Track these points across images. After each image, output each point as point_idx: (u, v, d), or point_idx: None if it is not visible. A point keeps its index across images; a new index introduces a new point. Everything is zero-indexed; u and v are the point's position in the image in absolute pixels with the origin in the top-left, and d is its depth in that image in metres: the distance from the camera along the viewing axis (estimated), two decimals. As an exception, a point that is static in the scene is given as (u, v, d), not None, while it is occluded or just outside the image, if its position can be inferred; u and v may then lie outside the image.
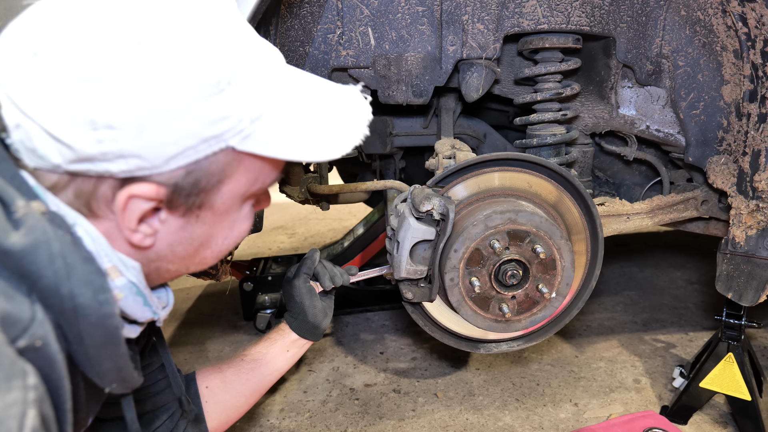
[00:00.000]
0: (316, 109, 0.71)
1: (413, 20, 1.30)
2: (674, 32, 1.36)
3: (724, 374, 1.54)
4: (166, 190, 0.65)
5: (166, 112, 0.60)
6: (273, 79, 0.69)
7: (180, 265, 0.76)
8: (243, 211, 0.75)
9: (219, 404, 1.22)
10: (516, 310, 1.20)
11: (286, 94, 0.69)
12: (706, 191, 1.53)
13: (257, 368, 1.27)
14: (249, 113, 0.65)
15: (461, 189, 1.27)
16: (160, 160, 0.62)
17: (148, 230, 0.68)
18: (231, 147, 0.66)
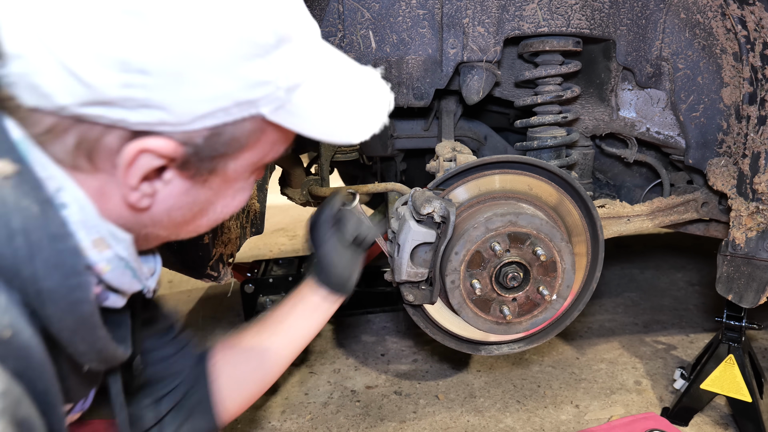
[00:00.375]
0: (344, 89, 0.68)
1: (414, 23, 1.31)
2: (674, 35, 1.37)
3: (725, 376, 1.54)
4: (184, 150, 0.58)
5: (209, 66, 0.55)
6: (312, 51, 0.65)
7: (171, 231, 0.70)
8: (249, 180, 0.71)
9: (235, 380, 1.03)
10: (517, 313, 1.20)
11: (322, 69, 0.66)
12: (707, 193, 1.53)
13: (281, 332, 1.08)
14: (287, 83, 0.60)
15: (462, 191, 1.27)
16: (188, 117, 0.56)
17: (148, 190, 0.61)
18: (262, 115, 0.61)
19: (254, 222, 1.31)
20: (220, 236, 1.11)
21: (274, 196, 2.05)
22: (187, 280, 2.87)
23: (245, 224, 1.26)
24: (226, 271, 1.15)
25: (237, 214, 1.18)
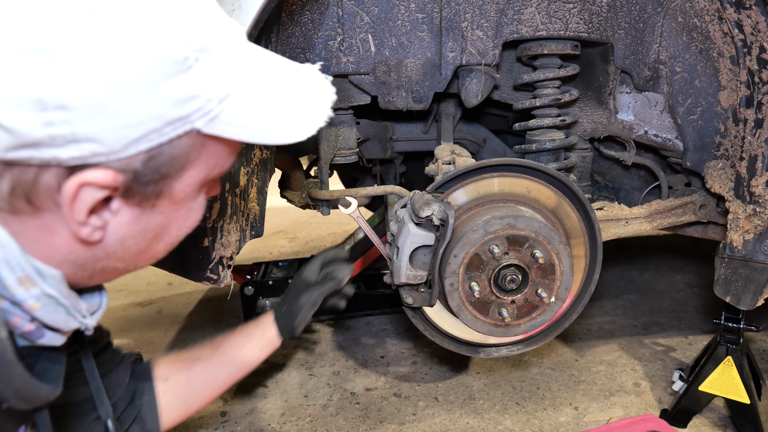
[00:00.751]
0: (280, 89, 0.66)
1: (413, 27, 1.32)
2: (671, 38, 1.38)
3: (723, 378, 1.55)
4: (124, 178, 0.58)
5: (130, 90, 0.53)
6: (238, 56, 0.63)
7: (129, 262, 0.68)
8: (199, 198, 0.70)
9: (179, 397, 1.14)
10: (515, 315, 1.21)
11: (252, 72, 0.64)
12: (704, 196, 1.54)
13: (229, 362, 1.20)
14: (217, 93, 0.59)
15: (461, 194, 1.28)
16: (120, 145, 0.55)
17: (98, 222, 0.60)
18: (197, 129, 0.60)
19: (254, 225, 1.31)
20: (220, 239, 1.12)
21: (274, 199, 2.06)
22: (186, 282, 2.87)
23: (245, 227, 1.27)
24: (225, 273, 1.15)
25: (236, 217, 1.19)
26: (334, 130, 1.47)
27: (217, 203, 1.07)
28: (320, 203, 1.55)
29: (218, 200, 1.08)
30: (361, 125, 1.61)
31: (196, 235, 1.07)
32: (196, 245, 1.08)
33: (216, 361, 1.19)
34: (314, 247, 3.52)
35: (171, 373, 1.14)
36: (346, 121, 1.48)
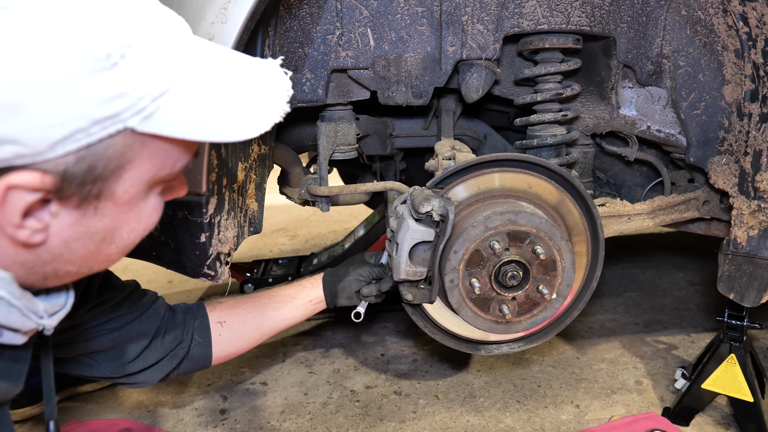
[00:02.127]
0: (228, 85, 0.64)
1: (412, 21, 1.30)
2: (675, 32, 1.36)
3: (726, 376, 1.53)
4: (53, 179, 0.56)
5: (47, 90, 0.52)
6: (178, 52, 0.62)
7: (81, 265, 0.68)
8: (150, 200, 0.69)
9: (233, 337, 1.30)
10: (516, 312, 1.20)
11: (194, 68, 0.62)
12: (708, 192, 1.52)
13: (282, 308, 1.35)
14: (150, 90, 0.58)
15: (461, 190, 1.27)
16: (44, 146, 0.54)
17: (37, 225, 0.60)
18: (130, 128, 0.58)
19: (252, 221, 1.30)
20: (217, 234, 1.11)
21: (274, 197, 2.05)
22: (186, 280, 2.86)
23: (243, 223, 1.26)
24: (223, 269, 1.14)
25: (234, 213, 1.18)
26: (333, 126, 1.45)
27: (214, 198, 1.06)
28: (319, 199, 1.53)
29: (215, 195, 1.06)
30: (360, 121, 1.59)
31: (192, 230, 1.05)
32: (193, 241, 1.07)
33: (271, 307, 1.34)
34: (314, 245, 3.51)
35: (228, 314, 1.30)
36: (345, 117, 1.47)
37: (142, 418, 1.72)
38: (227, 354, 1.32)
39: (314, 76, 1.31)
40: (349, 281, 1.38)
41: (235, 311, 1.32)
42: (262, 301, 1.36)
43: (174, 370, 1.24)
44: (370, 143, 1.72)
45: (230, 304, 1.34)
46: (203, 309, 1.29)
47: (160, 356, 1.19)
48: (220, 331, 1.28)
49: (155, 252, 1.11)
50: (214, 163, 1.04)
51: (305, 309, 1.39)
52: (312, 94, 1.32)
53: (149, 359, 1.17)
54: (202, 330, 1.26)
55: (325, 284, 1.40)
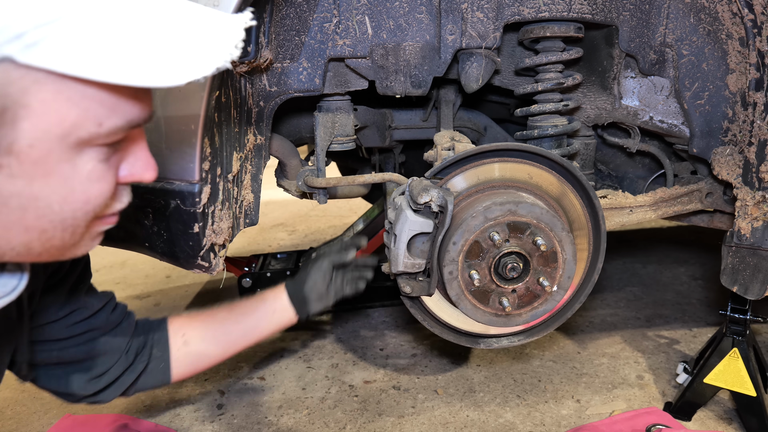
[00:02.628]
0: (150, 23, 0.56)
1: (411, 8, 1.28)
2: (678, 20, 1.33)
3: (729, 370, 1.51)
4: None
5: None
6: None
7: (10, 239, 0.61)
8: (81, 165, 0.60)
9: (192, 353, 1.20)
10: (516, 304, 1.18)
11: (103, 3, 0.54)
12: (711, 183, 1.50)
13: (243, 322, 1.24)
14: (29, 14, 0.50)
15: (460, 180, 1.24)
16: None
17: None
18: (9, 58, 0.50)
19: (248, 212, 1.28)
20: (211, 225, 1.08)
21: (273, 192, 2.03)
22: (184, 275, 2.85)
23: (238, 214, 1.24)
24: (217, 261, 1.12)
25: (229, 204, 1.16)
26: (330, 116, 1.43)
27: (207, 187, 1.03)
28: (317, 191, 1.51)
29: (209, 185, 1.04)
30: (358, 112, 1.57)
31: (185, 220, 1.03)
32: (186, 231, 1.05)
33: (231, 321, 1.23)
34: (314, 239, 3.49)
35: (187, 330, 1.20)
36: (343, 107, 1.45)
37: (138, 414, 1.70)
38: (186, 370, 1.22)
39: (311, 65, 1.28)
40: (314, 279, 1.25)
41: (194, 324, 1.22)
42: (221, 314, 1.24)
43: (131, 387, 1.16)
44: (368, 135, 1.70)
45: (189, 317, 1.24)
46: (164, 323, 1.21)
47: (122, 370, 1.12)
48: (179, 345, 1.19)
49: (147, 243, 1.09)
50: (207, 151, 1.02)
51: (269, 321, 1.25)
52: (309, 84, 1.29)
53: (114, 374, 1.11)
54: (161, 344, 1.18)
55: (291, 292, 1.26)
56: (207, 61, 0.56)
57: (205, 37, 0.58)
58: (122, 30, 0.54)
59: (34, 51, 0.50)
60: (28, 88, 0.53)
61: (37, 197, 0.58)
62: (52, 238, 0.63)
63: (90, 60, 0.52)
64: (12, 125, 0.53)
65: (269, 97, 1.27)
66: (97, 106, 0.57)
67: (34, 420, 1.69)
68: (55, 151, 0.57)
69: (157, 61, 0.54)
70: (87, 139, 0.58)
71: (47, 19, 0.50)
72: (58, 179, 0.59)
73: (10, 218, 0.59)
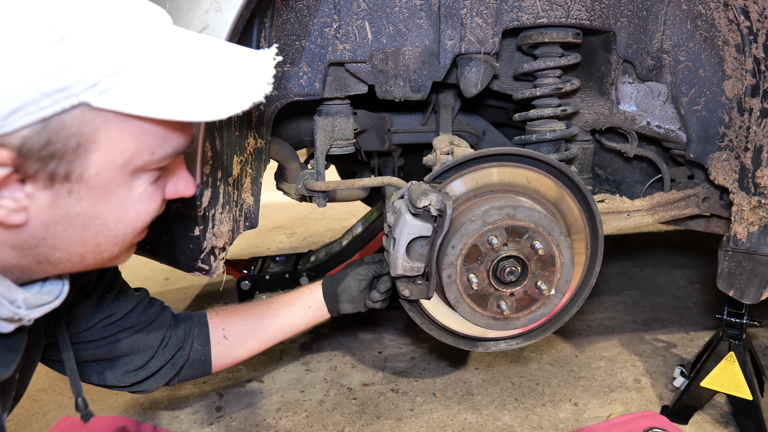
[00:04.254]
0: (196, 67, 0.65)
1: (411, 14, 1.29)
2: (675, 27, 1.35)
3: (726, 373, 1.52)
4: (11, 153, 0.58)
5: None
6: (138, 32, 0.63)
7: (70, 252, 0.69)
8: (135, 187, 0.69)
9: (231, 346, 1.29)
10: (514, 308, 1.18)
11: (158, 50, 0.63)
12: (708, 188, 1.51)
13: (280, 316, 1.34)
14: (103, 65, 0.59)
15: (459, 184, 1.25)
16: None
17: (12, 204, 0.61)
18: (86, 103, 0.59)
19: (248, 215, 1.29)
20: (212, 228, 1.09)
21: (272, 194, 2.04)
22: (183, 277, 2.85)
23: (238, 217, 1.24)
24: (217, 264, 1.13)
25: (229, 207, 1.16)
26: (330, 120, 1.44)
27: (208, 191, 1.04)
28: (316, 195, 1.52)
29: (210, 188, 1.05)
30: (358, 116, 1.58)
31: (186, 223, 1.04)
32: (186, 234, 1.05)
33: (269, 315, 1.33)
34: (312, 242, 3.50)
35: (226, 324, 1.30)
36: (343, 111, 1.45)
37: (137, 416, 1.70)
38: (227, 362, 1.32)
39: (311, 69, 1.29)
40: (348, 282, 1.37)
41: (233, 318, 1.32)
42: (260, 308, 1.35)
43: (174, 377, 1.26)
44: (367, 139, 1.70)
45: (228, 311, 1.34)
46: (204, 317, 1.31)
47: (162, 364, 1.21)
48: (218, 339, 1.29)
49: (149, 246, 1.10)
50: (208, 155, 1.03)
51: (305, 315, 1.37)
52: (309, 88, 1.30)
53: (152, 368, 1.19)
54: (201, 338, 1.28)
55: (325, 289, 1.38)
56: (245, 96, 0.65)
57: (242, 75, 0.67)
58: (174, 74, 0.63)
59: (105, 96, 0.59)
60: (99, 127, 0.61)
61: (97, 216, 0.67)
62: (103, 251, 0.72)
63: (149, 100, 0.61)
64: (84, 158, 0.62)
65: (270, 101, 1.28)
66: (152, 139, 0.66)
67: (33, 422, 1.69)
68: (117, 177, 0.66)
69: (203, 99, 0.63)
70: (142, 166, 0.67)
71: (116, 69, 0.60)
72: (117, 201, 0.67)
73: (73, 234, 0.67)
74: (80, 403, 1.04)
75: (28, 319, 0.73)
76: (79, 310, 1.05)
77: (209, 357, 1.28)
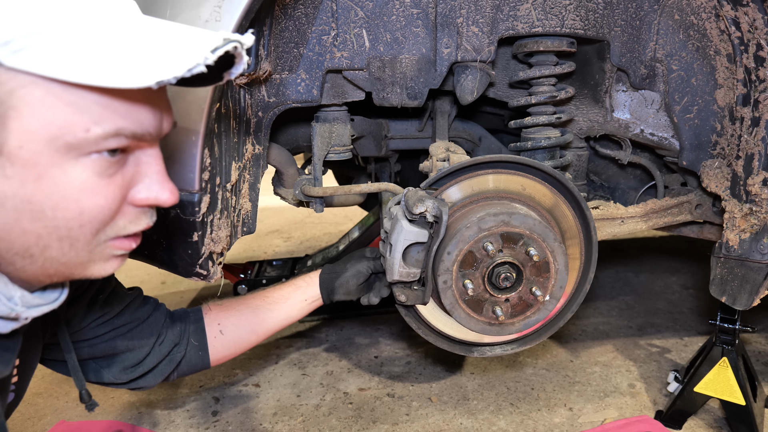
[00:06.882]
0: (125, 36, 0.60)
1: (408, 22, 1.30)
2: (668, 36, 1.37)
3: (719, 379, 1.54)
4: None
5: None
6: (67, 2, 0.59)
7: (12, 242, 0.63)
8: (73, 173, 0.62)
9: (228, 340, 1.31)
10: (509, 313, 1.20)
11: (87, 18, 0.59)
12: (700, 195, 1.53)
13: (276, 309, 1.34)
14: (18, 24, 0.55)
15: (455, 191, 1.27)
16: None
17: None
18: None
19: (245, 221, 1.30)
20: (210, 234, 1.10)
21: (269, 198, 2.04)
22: (179, 281, 2.85)
23: (236, 223, 1.25)
24: (215, 269, 1.14)
25: (227, 213, 1.17)
26: (327, 127, 1.45)
27: (207, 197, 1.05)
28: (313, 200, 1.53)
29: (208, 194, 1.06)
30: (355, 122, 1.59)
31: (185, 229, 1.05)
32: (185, 240, 1.06)
33: (264, 309, 1.34)
34: (309, 246, 3.50)
35: (222, 319, 1.31)
36: (340, 118, 1.47)
37: (133, 420, 1.70)
38: (223, 356, 1.33)
39: (309, 76, 1.31)
40: (347, 277, 1.38)
41: (229, 313, 1.33)
42: (255, 302, 1.36)
43: (172, 373, 1.27)
44: (364, 144, 1.72)
45: (224, 306, 1.35)
46: (199, 313, 1.31)
47: (159, 360, 1.22)
48: (215, 334, 1.30)
49: (147, 251, 1.11)
50: (207, 161, 1.04)
51: (300, 309, 1.39)
52: (307, 95, 1.31)
53: (149, 364, 1.20)
54: (197, 334, 1.28)
55: (322, 281, 1.39)
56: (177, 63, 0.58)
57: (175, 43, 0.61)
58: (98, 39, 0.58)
59: (19, 56, 0.55)
60: (15, 91, 0.57)
61: (30, 201, 0.61)
62: (48, 247, 0.65)
63: (65, 63, 0.56)
64: (2, 125, 0.57)
65: (268, 107, 1.29)
66: (84, 113, 0.60)
67: (29, 426, 1.69)
68: (44, 154, 0.59)
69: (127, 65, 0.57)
70: (75, 144, 0.60)
71: (33, 30, 0.56)
72: (49, 184, 0.61)
73: (8, 220, 0.61)
74: (84, 395, 1.05)
75: (25, 317, 0.72)
76: (71, 311, 1.05)
77: (207, 352, 1.29)
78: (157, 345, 1.21)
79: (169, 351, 1.24)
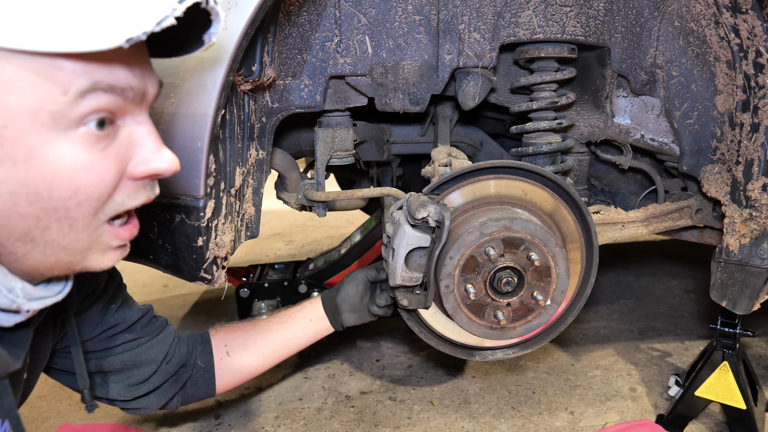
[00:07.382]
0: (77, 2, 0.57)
1: (410, 29, 1.32)
2: (668, 43, 1.38)
3: (720, 383, 1.54)
4: None
5: None
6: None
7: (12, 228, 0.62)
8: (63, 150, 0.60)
9: (234, 362, 1.29)
10: (511, 318, 1.20)
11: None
12: (701, 200, 1.54)
13: (282, 331, 1.34)
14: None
15: (457, 196, 1.28)
16: None
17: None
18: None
19: (249, 225, 1.31)
20: (214, 238, 1.11)
21: (271, 202, 2.05)
22: (182, 284, 2.86)
23: (240, 227, 1.26)
24: (219, 273, 1.14)
25: (231, 217, 1.18)
26: (330, 132, 1.47)
27: (211, 202, 1.06)
28: (316, 204, 1.54)
29: (213, 199, 1.07)
30: (358, 127, 1.61)
31: (190, 234, 1.06)
32: (189, 245, 1.07)
33: (271, 330, 1.33)
34: (311, 250, 3.51)
35: (229, 340, 1.29)
36: (343, 123, 1.48)
37: (135, 423, 1.71)
38: (228, 381, 1.32)
39: (312, 82, 1.32)
40: (346, 289, 1.38)
41: (236, 334, 1.33)
42: (261, 323, 1.36)
43: (177, 395, 1.25)
44: (367, 149, 1.73)
45: (230, 328, 1.35)
46: (207, 335, 1.31)
47: (164, 379, 1.21)
48: (221, 356, 1.29)
49: (152, 255, 1.12)
50: (212, 167, 1.05)
51: (306, 329, 1.38)
52: (310, 100, 1.33)
53: (154, 383, 1.19)
54: (205, 355, 1.28)
55: (324, 301, 1.40)
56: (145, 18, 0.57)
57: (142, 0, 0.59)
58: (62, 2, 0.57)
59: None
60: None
61: (24, 183, 0.60)
62: (48, 228, 0.63)
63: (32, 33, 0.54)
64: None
65: (271, 113, 1.30)
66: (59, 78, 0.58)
67: (32, 429, 1.70)
68: (30, 131, 0.58)
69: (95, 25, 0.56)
70: (57, 112, 0.59)
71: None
72: (40, 163, 0.59)
73: (6, 205, 0.60)
74: (86, 395, 1.04)
75: (27, 310, 0.71)
76: (82, 319, 1.07)
77: (213, 375, 1.28)
78: (164, 363, 1.21)
79: (176, 371, 1.23)
